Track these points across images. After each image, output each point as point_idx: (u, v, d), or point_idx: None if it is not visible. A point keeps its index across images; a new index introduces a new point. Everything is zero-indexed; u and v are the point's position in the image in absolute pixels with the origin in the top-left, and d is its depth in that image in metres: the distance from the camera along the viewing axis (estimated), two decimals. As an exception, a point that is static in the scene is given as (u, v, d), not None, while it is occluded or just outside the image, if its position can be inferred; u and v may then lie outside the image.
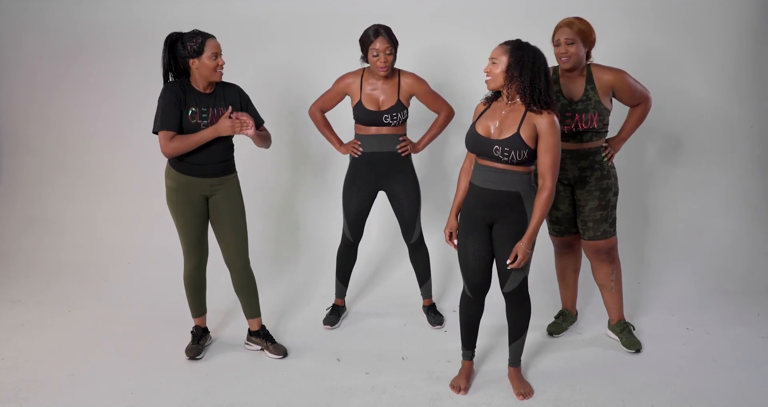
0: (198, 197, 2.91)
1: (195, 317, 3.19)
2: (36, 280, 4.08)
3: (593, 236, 3.06)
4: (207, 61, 2.77)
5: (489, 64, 2.50)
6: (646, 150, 4.12)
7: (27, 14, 4.43)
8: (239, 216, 3.00)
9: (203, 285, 3.14)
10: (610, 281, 3.15)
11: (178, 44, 2.79)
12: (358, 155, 3.27)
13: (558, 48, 2.90)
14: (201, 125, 2.82)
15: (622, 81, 2.92)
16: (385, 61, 3.09)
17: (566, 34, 2.87)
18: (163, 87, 2.82)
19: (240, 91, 2.97)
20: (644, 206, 4.16)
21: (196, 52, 2.76)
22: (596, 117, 2.92)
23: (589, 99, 2.91)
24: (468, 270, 2.65)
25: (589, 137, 2.96)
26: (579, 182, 3.04)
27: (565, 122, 2.94)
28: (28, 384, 2.89)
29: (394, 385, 2.87)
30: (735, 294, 3.72)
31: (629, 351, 3.10)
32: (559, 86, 2.97)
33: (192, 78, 2.84)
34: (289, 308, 3.68)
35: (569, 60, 2.87)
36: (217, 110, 2.86)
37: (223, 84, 2.92)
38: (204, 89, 2.85)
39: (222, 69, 2.82)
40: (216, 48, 2.79)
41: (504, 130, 2.50)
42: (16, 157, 4.63)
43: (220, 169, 2.91)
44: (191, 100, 2.82)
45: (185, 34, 2.79)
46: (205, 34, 2.79)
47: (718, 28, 3.95)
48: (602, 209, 3.03)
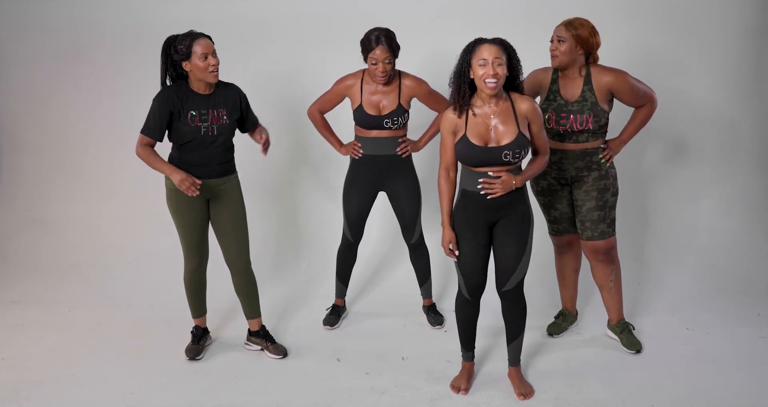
0: (199, 198, 2.89)
1: (195, 317, 3.19)
2: (36, 280, 4.08)
3: (591, 237, 3.05)
4: (198, 63, 2.72)
5: (491, 67, 2.42)
6: (646, 150, 4.12)
7: (27, 14, 4.43)
8: (240, 217, 2.99)
9: (203, 286, 3.14)
10: (610, 281, 3.15)
11: (171, 48, 2.76)
12: (359, 156, 3.26)
13: (551, 44, 2.91)
14: (201, 127, 2.80)
15: (622, 82, 2.90)
16: (384, 71, 3.06)
17: (560, 32, 2.88)
18: (158, 93, 2.80)
19: (239, 91, 2.95)
20: (644, 206, 4.16)
21: (186, 54, 2.72)
22: (591, 118, 2.91)
23: (586, 100, 2.91)
24: (467, 271, 2.65)
25: (585, 137, 2.96)
26: (576, 182, 3.04)
27: (560, 122, 2.94)
28: (28, 384, 2.89)
29: (394, 385, 2.87)
30: (735, 294, 3.72)
31: (630, 352, 3.10)
32: (558, 86, 2.97)
33: (190, 80, 2.82)
34: (289, 308, 3.68)
35: (556, 58, 2.89)
36: (217, 111, 2.84)
37: (223, 84, 2.90)
38: (203, 91, 2.83)
39: (215, 69, 2.76)
40: (206, 48, 2.72)
41: (503, 133, 2.49)
42: (16, 157, 4.63)
43: (220, 170, 2.90)
44: (190, 103, 2.79)
45: (178, 36, 2.76)
46: (194, 34, 2.74)
47: (719, 29, 3.95)
48: (600, 210, 3.02)
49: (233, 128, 2.92)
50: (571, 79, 2.95)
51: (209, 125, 2.82)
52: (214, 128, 2.83)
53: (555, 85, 2.97)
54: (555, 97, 2.96)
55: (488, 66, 2.42)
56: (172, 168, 2.75)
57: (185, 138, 2.81)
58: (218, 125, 2.84)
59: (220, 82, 2.90)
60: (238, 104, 2.92)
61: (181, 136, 2.81)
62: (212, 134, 2.83)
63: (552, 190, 3.09)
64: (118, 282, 4.00)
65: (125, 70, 4.37)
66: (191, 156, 2.84)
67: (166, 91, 2.79)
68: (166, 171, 2.76)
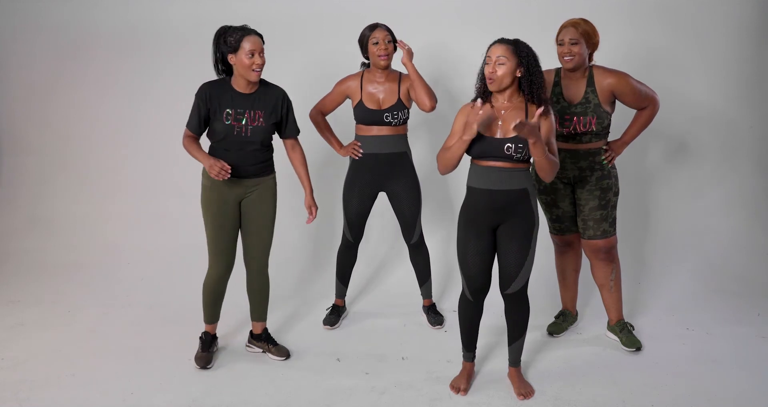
0: (232, 198, 2.85)
1: (207, 323, 3.11)
2: (36, 280, 4.08)
3: (593, 236, 3.06)
4: (243, 59, 2.68)
5: (492, 66, 2.48)
6: (647, 151, 4.12)
7: (26, 14, 4.43)
8: (269, 219, 2.93)
9: (222, 295, 3.05)
10: (610, 280, 3.15)
11: (221, 38, 2.73)
12: (359, 157, 3.27)
13: (561, 48, 2.90)
14: (236, 127, 2.75)
15: (624, 84, 2.91)
16: (386, 49, 3.11)
17: (571, 34, 2.87)
18: (199, 87, 2.77)
19: (284, 96, 2.87)
20: (644, 206, 4.16)
21: (234, 47, 2.68)
22: (594, 120, 2.91)
23: (589, 102, 2.91)
24: (469, 273, 2.64)
25: (588, 138, 2.96)
26: (579, 182, 3.04)
27: (563, 124, 2.94)
28: (28, 384, 2.89)
29: (394, 385, 2.86)
30: (735, 294, 3.72)
31: (629, 350, 3.10)
32: (560, 88, 2.96)
33: (234, 75, 2.78)
34: (289, 308, 3.67)
35: (572, 60, 2.87)
36: (255, 112, 2.78)
37: (267, 85, 2.85)
38: (243, 89, 2.78)
39: (259, 68, 2.71)
40: (255, 45, 2.68)
41: (510, 127, 2.50)
42: (15, 157, 4.64)
43: (254, 170, 2.85)
44: (227, 101, 2.75)
45: (230, 28, 2.73)
46: (247, 29, 2.71)
47: (719, 29, 3.95)
48: (602, 209, 3.03)
49: (270, 131, 2.85)
50: (573, 80, 2.95)
51: (244, 125, 2.76)
52: (248, 129, 2.78)
53: (557, 87, 2.98)
54: (558, 100, 2.96)
55: (491, 64, 2.48)
56: (206, 155, 2.72)
57: (219, 135, 2.78)
58: (253, 126, 2.78)
59: (265, 82, 2.84)
60: (279, 107, 2.85)
61: (216, 133, 2.79)
62: (246, 134, 2.78)
63: (555, 189, 3.10)
64: (118, 282, 4.00)
65: (125, 69, 4.37)
66: (225, 155, 2.79)
67: (205, 88, 2.76)
68: (200, 158, 2.71)
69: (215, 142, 2.83)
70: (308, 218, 3.04)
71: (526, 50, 2.48)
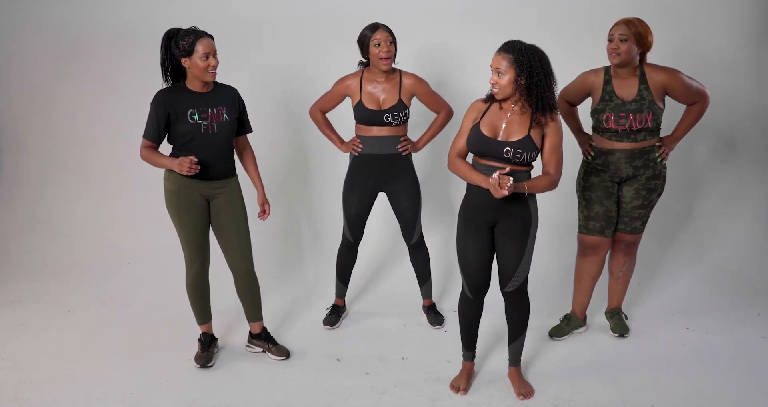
0: (200, 199, 2.88)
1: (201, 324, 3.13)
2: (36, 280, 4.08)
3: (623, 229, 3.15)
4: (198, 62, 2.69)
5: (494, 76, 2.46)
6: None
7: (27, 14, 4.43)
8: (242, 219, 2.97)
9: (207, 291, 3.09)
10: (619, 271, 3.23)
11: (172, 42, 2.74)
12: (358, 152, 3.26)
13: (611, 44, 2.91)
14: (201, 125, 2.79)
15: (676, 80, 2.93)
16: (388, 51, 3.07)
17: (621, 30, 2.88)
18: (154, 96, 2.78)
19: (238, 94, 2.93)
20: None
21: (187, 51, 2.69)
22: (650, 117, 2.93)
23: (643, 99, 2.93)
24: (469, 271, 2.65)
25: (642, 136, 2.98)
26: (629, 180, 3.06)
27: (619, 122, 2.95)
28: (28, 384, 2.89)
29: (394, 385, 2.87)
30: (735, 294, 3.72)
31: (614, 335, 3.19)
32: (612, 86, 2.97)
33: (187, 78, 2.80)
34: (289, 308, 3.67)
35: (619, 56, 2.89)
36: (217, 109, 2.82)
37: (219, 84, 2.88)
38: (200, 89, 2.80)
39: (214, 70, 2.75)
40: (208, 48, 2.70)
41: (513, 131, 2.49)
42: (15, 157, 4.63)
43: (221, 171, 2.88)
44: (188, 102, 2.77)
45: (181, 31, 2.73)
46: (198, 32, 2.71)
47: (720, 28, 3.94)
48: (642, 209, 3.10)
49: (234, 126, 2.89)
50: (625, 78, 2.96)
51: (209, 122, 2.80)
52: (214, 126, 2.81)
53: (609, 85, 2.98)
54: (611, 98, 2.97)
55: (494, 74, 2.47)
56: (170, 158, 2.76)
57: (186, 137, 2.79)
58: (218, 122, 2.82)
59: (218, 82, 2.88)
60: (236, 104, 2.90)
61: (182, 135, 2.79)
62: (212, 131, 2.81)
63: (603, 187, 3.09)
64: (118, 282, 4.00)
65: (125, 69, 4.36)
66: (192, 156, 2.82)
67: (161, 95, 2.77)
68: (165, 162, 2.75)
69: (180, 146, 2.83)
70: (263, 215, 3.09)
71: (527, 57, 2.40)
